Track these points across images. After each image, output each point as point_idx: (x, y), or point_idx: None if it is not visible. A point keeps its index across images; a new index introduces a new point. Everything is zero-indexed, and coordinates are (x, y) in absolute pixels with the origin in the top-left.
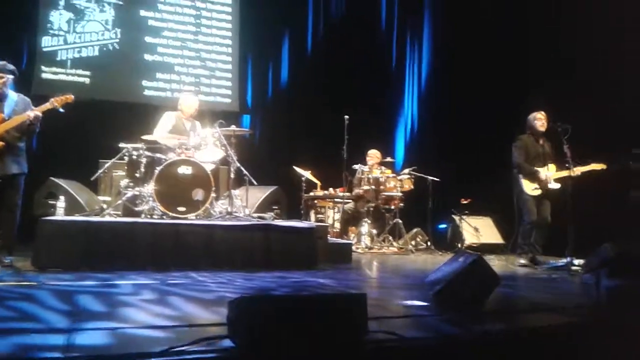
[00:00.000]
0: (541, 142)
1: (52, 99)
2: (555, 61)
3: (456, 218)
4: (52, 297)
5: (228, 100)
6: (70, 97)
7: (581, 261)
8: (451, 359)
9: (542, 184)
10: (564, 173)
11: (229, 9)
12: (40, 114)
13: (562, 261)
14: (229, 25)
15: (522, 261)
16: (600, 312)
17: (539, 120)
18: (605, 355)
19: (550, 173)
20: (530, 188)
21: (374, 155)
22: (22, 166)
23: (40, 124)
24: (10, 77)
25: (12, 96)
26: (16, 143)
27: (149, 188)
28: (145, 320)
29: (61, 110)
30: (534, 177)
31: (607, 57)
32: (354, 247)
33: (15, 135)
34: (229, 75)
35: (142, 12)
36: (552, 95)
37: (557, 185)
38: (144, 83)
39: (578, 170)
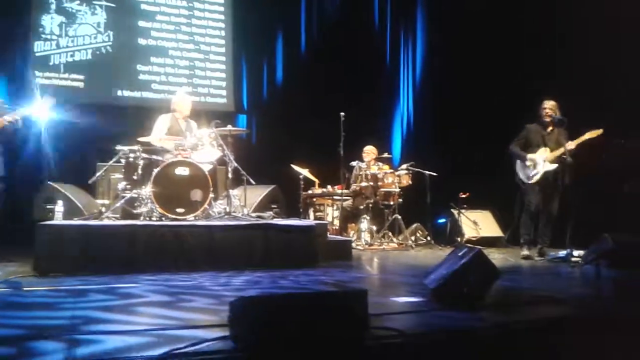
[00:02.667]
0: (549, 129)
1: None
2: (552, 55)
3: (455, 212)
4: (50, 300)
5: (223, 101)
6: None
7: (581, 252)
8: (452, 353)
9: (533, 168)
10: (560, 151)
11: (222, 8)
12: (18, 118)
13: (562, 252)
14: (222, 25)
15: (525, 252)
16: (600, 303)
17: (543, 109)
18: (605, 346)
19: (543, 155)
20: (524, 175)
21: (370, 151)
22: None
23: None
24: None
25: None
26: None
27: (147, 190)
28: (146, 322)
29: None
30: (526, 163)
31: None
32: (353, 244)
33: None
34: (223, 75)
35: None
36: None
37: (553, 166)
38: (139, 67)
39: (573, 144)
